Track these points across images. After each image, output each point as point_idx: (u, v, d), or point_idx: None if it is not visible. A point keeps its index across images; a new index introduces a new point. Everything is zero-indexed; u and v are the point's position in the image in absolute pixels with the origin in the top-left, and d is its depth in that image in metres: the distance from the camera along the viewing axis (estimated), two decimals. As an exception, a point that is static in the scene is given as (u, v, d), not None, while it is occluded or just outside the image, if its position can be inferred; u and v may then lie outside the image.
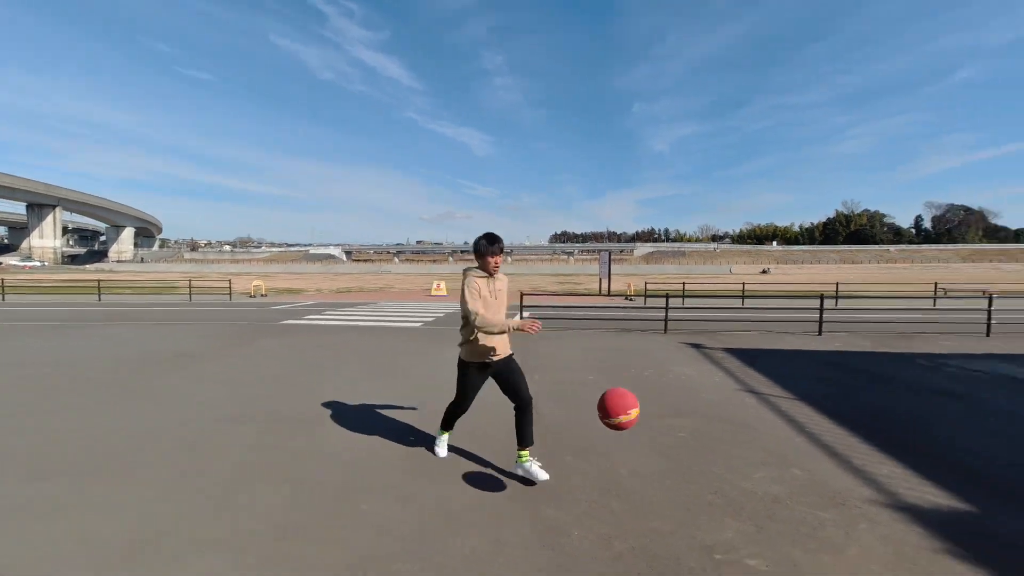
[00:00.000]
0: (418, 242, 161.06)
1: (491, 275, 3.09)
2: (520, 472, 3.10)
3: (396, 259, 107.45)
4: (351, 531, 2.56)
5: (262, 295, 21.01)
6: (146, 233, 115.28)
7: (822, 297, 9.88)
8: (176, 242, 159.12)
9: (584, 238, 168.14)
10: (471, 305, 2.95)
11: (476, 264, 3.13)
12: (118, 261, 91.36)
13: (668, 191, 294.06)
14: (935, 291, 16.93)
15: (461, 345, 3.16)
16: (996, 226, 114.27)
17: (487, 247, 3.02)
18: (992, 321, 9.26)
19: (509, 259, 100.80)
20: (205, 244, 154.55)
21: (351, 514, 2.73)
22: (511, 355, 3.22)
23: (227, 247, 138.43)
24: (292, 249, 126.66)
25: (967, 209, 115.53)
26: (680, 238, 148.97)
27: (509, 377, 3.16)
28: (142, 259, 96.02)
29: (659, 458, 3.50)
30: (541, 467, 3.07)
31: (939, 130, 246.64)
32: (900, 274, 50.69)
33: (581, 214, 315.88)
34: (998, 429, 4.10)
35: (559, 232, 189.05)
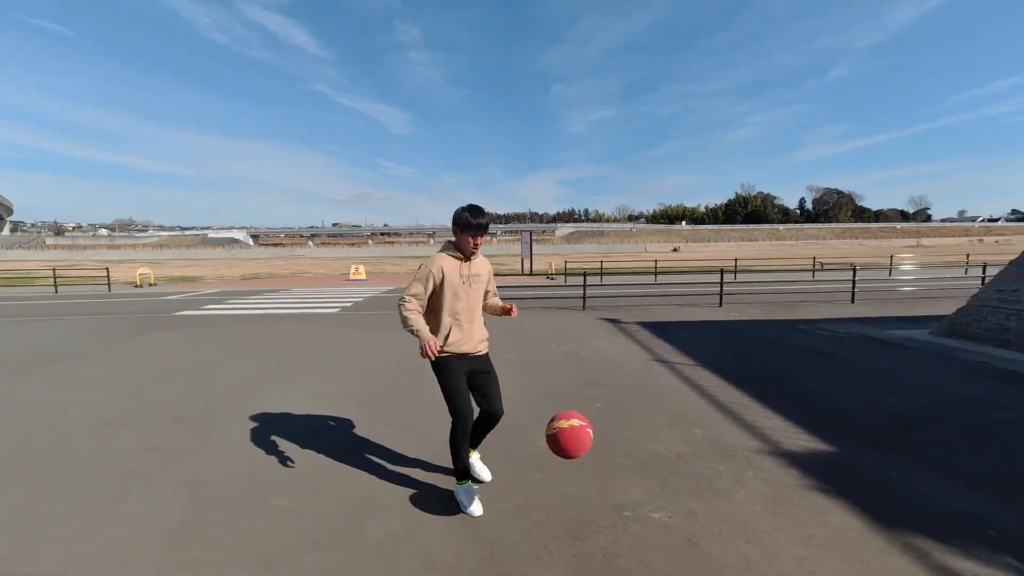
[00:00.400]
0: (334, 224, 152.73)
1: (467, 258, 2.54)
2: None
3: (311, 243, 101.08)
4: (258, 528, 2.39)
5: (151, 284, 18.78)
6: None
7: (722, 272, 10.80)
8: (34, 225, 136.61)
9: (507, 219, 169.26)
10: (410, 289, 2.48)
11: (454, 241, 2.56)
12: (-44, 248, 76.78)
13: (587, 172, 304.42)
14: (813, 265, 19.24)
15: None
16: (862, 208, 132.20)
17: (470, 221, 2.43)
18: (856, 290, 10.70)
19: (432, 240, 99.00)
20: (74, 228, 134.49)
21: (256, 511, 2.55)
22: (488, 351, 2.70)
23: (103, 231, 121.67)
24: (188, 233, 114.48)
25: (840, 192, 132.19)
26: (599, 218, 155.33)
27: (485, 381, 2.62)
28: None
29: (575, 428, 3.64)
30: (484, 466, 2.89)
31: (818, 121, 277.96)
32: (788, 250, 56.89)
33: (503, 195, 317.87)
34: (853, 381, 4.76)
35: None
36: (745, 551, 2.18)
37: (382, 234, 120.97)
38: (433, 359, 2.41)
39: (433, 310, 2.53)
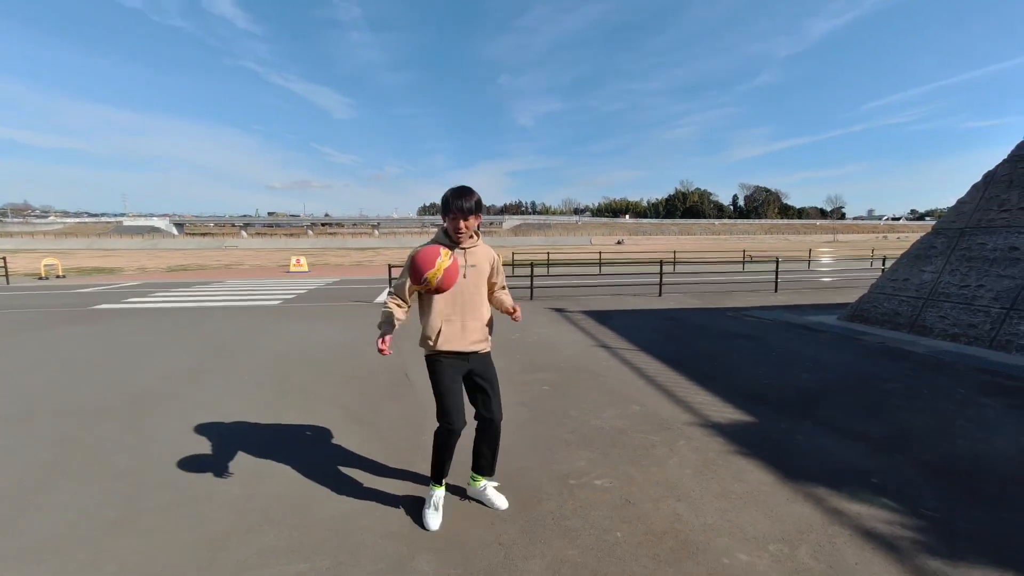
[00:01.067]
0: (270, 214, 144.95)
1: (457, 245, 2.28)
2: (474, 497, 2.53)
3: (244, 232, 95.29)
4: (206, 511, 2.37)
5: (58, 276, 17.05)
6: None
7: (661, 263, 11.43)
8: None
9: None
10: (396, 281, 2.37)
11: (445, 227, 2.29)
12: None
13: (535, 164, 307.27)
14: (743, 257, 20.72)
15: (423, 338, 2.32)
16: (787, 205, 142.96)
17: (451, 202, 2.18)
18: (779, 280, 11.68)
19: (376, 232, 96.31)
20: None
21: (204, 496, 2.52)
22: (488, 350, 2.45)
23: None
24: (99, 220, 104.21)
25: (768, 190, 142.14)
26: (546, 211, 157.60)
27: (484, 384, 2.38)
28: None
29: (523, 409, 3.82)
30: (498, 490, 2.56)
31: (749, 122, 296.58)
32: (722, 243, 60.60)
33: (449, 184, 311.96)
34: (772, 361, 5.29)
35: (428, 204, 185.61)
36: (675, 507, 2.44)
37: (323, 224, 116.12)
38: (383, 355, 2.22)
39: (425, 303, 2.31)
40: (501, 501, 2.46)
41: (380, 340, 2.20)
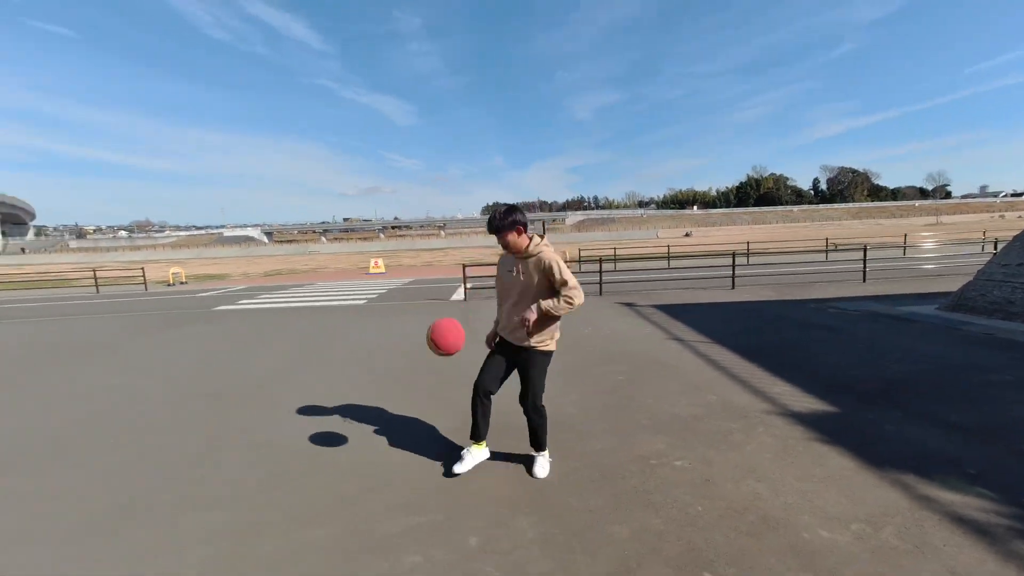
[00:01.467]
0: (345, 219, 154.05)
1: (512, 254, 2.69)
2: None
3: (323, 238, 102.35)
4: (332, 476, 2.85)
5: (182, 282, 19.54)
6: (15, 220, 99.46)
7: (734, 255, 11.06)
8: (56, 229, 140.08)
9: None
10: None
11: None
12: (-21, 254, 78.97)
13: (593, 158, 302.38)
14: (826, 246, 19.30)
15: None
16: (878, 186, 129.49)
17: (488, 227, 2.63)
18: (867, 269, 10.89)
19: (442, 233, 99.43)
20: (94, 230, 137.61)
21: (328, 464, 3.01)
22: (537, 350, 2.69)
23: (123, 232, 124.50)
24: (202, 232, 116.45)
25: (854, 171, 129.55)
26: (609, 205, 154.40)
27: (521, 370, 2.77)
28: (23, 249, 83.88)
29: (600, 397, 4.05)
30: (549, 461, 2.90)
31: (829, 98, 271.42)
32: (801, 232, 56.28)
33: (511, 184, 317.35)
34: (858, 351, 5.09)
35: (490, 203, 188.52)
36: (755, 487, 2.58)
37: (393, 227, 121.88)
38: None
39: None
40: (541, 472, 2.79)
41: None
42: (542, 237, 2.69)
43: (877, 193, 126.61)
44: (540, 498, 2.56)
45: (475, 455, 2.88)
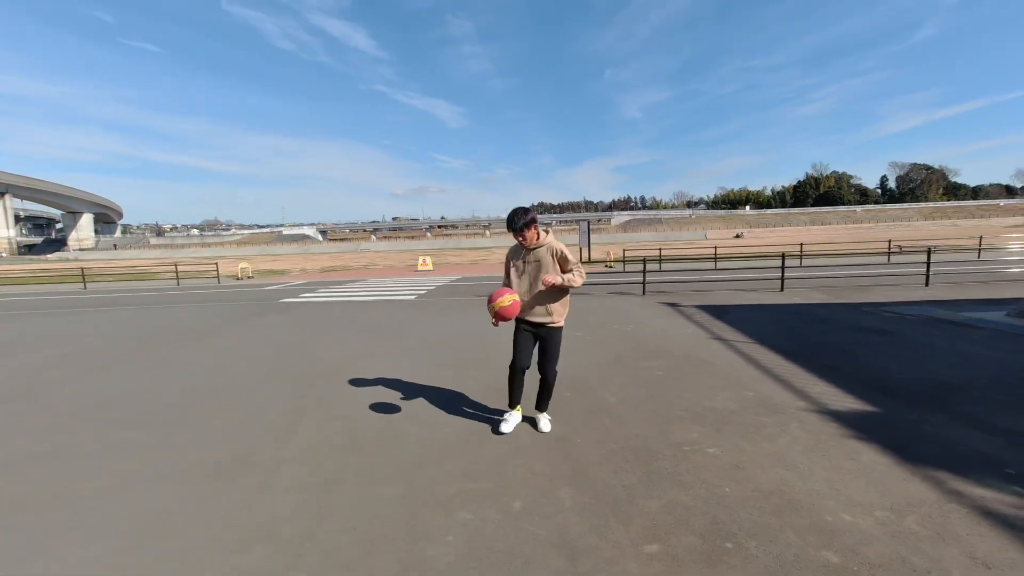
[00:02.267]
0: (394, 218, 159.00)
1: (523, 247, 3.26)
2: (529, 416, 3.58)
3: (373, 237, 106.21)
4: (401, 446, 3.25)
5: (249, 277, 21.13)
6: (105, 219, 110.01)
7: (783, 256, 10.80)
8: (139, 227, 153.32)
9: (561, 208, 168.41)
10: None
11: None
12: (80, 249, 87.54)
13: (642, 158, 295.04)
14: (889, 248, 18.23)
15: None
16: (956, 184, 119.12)
17: (509, 225, 3.19)
18: (931, 272, 10.33)
19: (488, 232, 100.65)
20: (171, 229, 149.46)
21: (396, 435, 3.42)
22: (552, 326, 3.28)
23: (195, 231, 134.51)
24: (264, 230, 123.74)
25: (928, 168, 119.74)
26: (656, 205, 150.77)
27: (542, 346, 3.34)
28: (115, 246, 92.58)
29: (639, 388, 4.26)
30: (549, 420, 3.50)
31: (903, 89, 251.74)
32: (863, 233, 52.87)
33: (557, 184, 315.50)
34: (909, 356, 4.99)
35: (536, 203, 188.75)
36: (783, 475, 2.74)
37: (439, 227, 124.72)
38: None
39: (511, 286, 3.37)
40: (545, 426, 3.42)
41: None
42: (547, 232, 3.29)
43: (955, 191, 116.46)
44: (579, 474, 2.84)
45: (515, 417, 3.50)
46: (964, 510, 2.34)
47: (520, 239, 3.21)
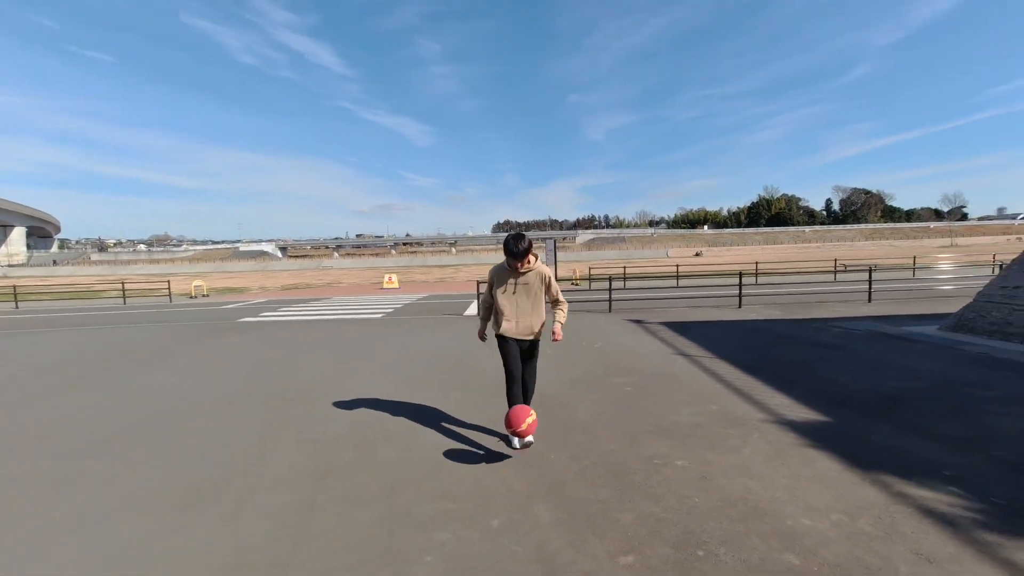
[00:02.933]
0: (358, 235, 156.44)
1: (516, 272, 3.40)
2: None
3: (336, 254, 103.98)
4: (376, 468, 3.21)
5: (203, 295, 20.23)
6: (40, 233, 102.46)
7: (740, 275, 11.36)
8: (79, 242, 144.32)
9: (527, 227, 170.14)
10: (484, 296, 3.67)
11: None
12: (10, 265, 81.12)
13: (606, 178, 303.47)
14: (835, 267, 19.43)
15: (495, 324, 3.59)
16: (892, 207, 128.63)
17: (510, 249, 3.29)
18: (872, 289, 11.09)
19: (454, 250, 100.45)
20: (115, 244, 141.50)
21: (371, 458, 3.37)
22: (535, 339, 3.54)
23: (142, 246, 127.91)
24: (219, 247, 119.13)
25: (868, 192, 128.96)
26: (619, 224, 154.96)
27: (526, 360, 3.56)
28: (55, 261, 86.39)
29: (610, 405, 4.38)
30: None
31: (844, 120, 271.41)
32: (812, 252, 56.11)
33: (523, 203, 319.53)
34: (857, 368, 5.35)
35: (502, 221, 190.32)
36: (747, 483, 2.88)
37: (405, 244, 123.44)
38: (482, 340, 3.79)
39: (496, 306, 3.53)
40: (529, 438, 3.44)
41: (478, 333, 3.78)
42: (536, 257, 3.47)
43: (891, 214, 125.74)
44: (555, 490, 2.89)
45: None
46: (909, 510, 2.54)
47: (518, 264, 3.33)
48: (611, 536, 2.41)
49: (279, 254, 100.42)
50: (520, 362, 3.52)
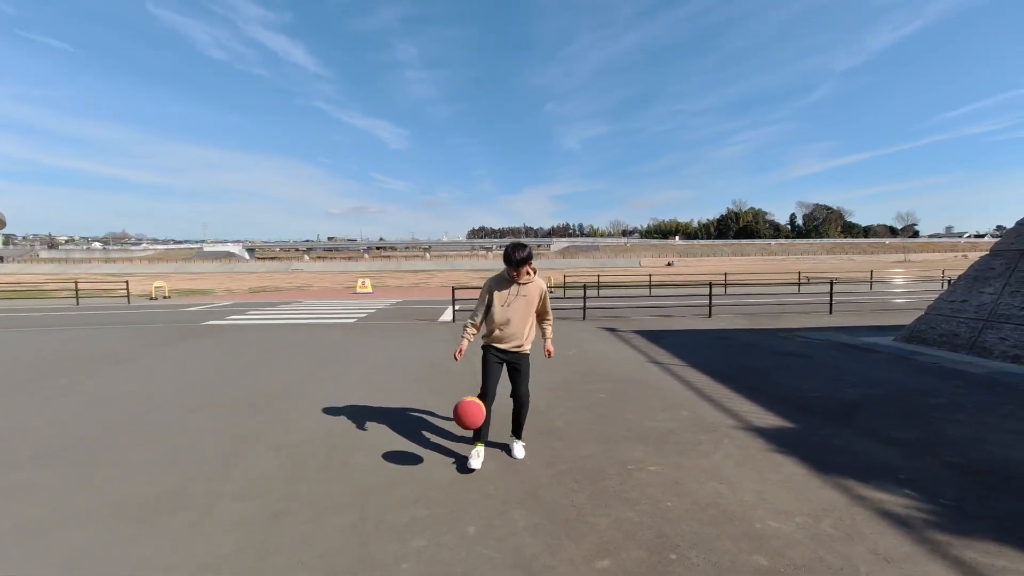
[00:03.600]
0: (330, 238, 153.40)
1: (516, 282, 3.31)
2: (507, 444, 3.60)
3: (307, 256, 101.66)
4: (347, 474, 3.14)
5: (165, 297, 19.42)
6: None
7: (711, 285, 11.68)
8: (26, 238, 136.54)
9: (502, 233, 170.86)
10: (475, 311, 3.44)
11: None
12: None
13: (581, 187, 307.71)
14: (799, 279, 20.23)
15: (485, 334, 3.46)
16: (850, 223, 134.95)
17: (511, 258, 3.21)
18: (833, 301, 11.59)
19: (427, 255, 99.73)
20: (66, 241, 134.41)
21: (343, 463, 3.31)
22: (524, 352, 3.41)
23: (97, 244, 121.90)
24: (182, 246, 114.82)
25: (828, 208, 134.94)
26: (593, 233, 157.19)
27: (516, 373, 3.40)
28: (1, 258, 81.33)
29: (585, 412, 4.42)
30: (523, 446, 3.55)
31: (805, 139, 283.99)
32: (777, 264, 58.25)
33: (498, 209, 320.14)
34: (819, 377, 5.58)
35: (477, 227, 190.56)
36: (718, 488, 2.96)
37: (378, 248, 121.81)
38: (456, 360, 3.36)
39: (489, 317, 3.38)
40: (519, 453, 3.47)
41: (458, 349, 3.33)
42: (535, 270, 3.43)
43: (850, 230, 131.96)
44: (531, 496, 2.90)
45: (481, 452, 3.36)
46: (868, 512, 2.66)
47: (515, 273, 3.27)
48: (587, 541, 2.44)
49: (247, 256, 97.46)
50: (496, 382, 3.34)
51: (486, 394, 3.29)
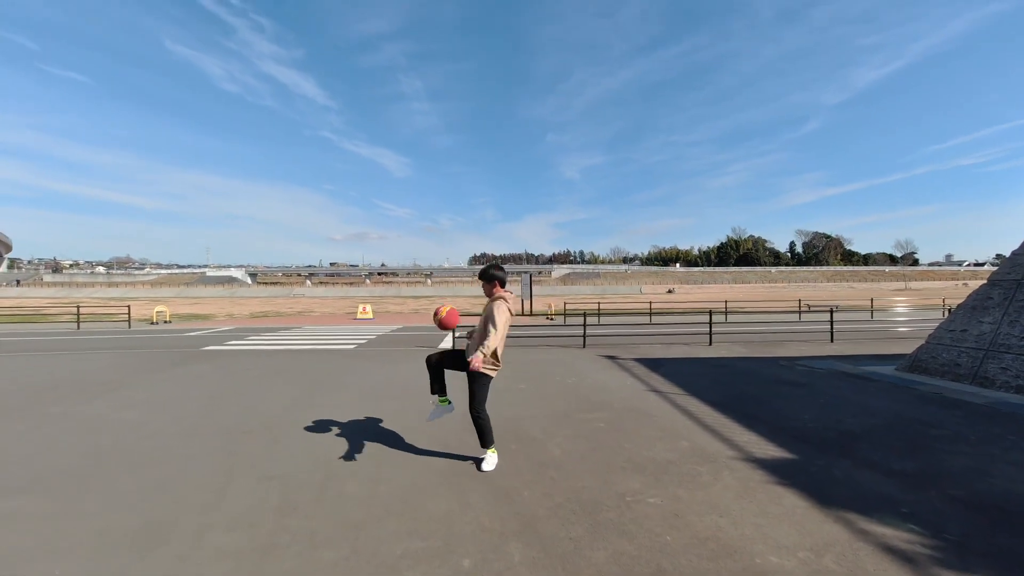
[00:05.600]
0: (332, 264, 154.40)
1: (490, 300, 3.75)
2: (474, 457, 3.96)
3: (308, 282, 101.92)
4: (340, 505, 3.09)
5: (166, 321, 19.43)
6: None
7: (711, 313, 11.68)
8: (31, 262, 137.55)
9: (504, 259, 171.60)
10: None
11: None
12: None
13: (581, 215, 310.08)
14: (799, 307, 20.22)
15: (498, 360, 3.75)
16: (850, 251, 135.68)
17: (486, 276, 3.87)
18: (834, 329, 11.56)
19: (429, 281, 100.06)
20: (71, 265, 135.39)
21: (336, 494, 3.26)
22: (471, 367, 3.59)
23: (101, 268, 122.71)
24: (185, 271, 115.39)
25: (827, 236, 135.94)
26: (594, 260, 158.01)
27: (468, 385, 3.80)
28: (5, 283, 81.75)
29: (583, 441, 4.37)
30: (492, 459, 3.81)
31: (799, 169, 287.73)
32: (778, 292, 58.23)
33: (499, 236, 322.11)
34: (822, 406, 5.53)
35: (478, 254, 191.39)
36: (717, 521, 2.91)
37: (380, 273, 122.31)
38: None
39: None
40: (486, 465, 3.72)
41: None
42: (502, 298, 3.71)
43: (849, 258, 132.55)
44: (528, 528, 2.85)
45: (445, 407, 3.98)
46: (871, 548, 2.61)
47: (487, 290, 3.81)
48: (584, 574, 2.39)
49: (249, 280, 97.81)
50: (441, 362, 3.90)
51: (430, 358, 3.92)
